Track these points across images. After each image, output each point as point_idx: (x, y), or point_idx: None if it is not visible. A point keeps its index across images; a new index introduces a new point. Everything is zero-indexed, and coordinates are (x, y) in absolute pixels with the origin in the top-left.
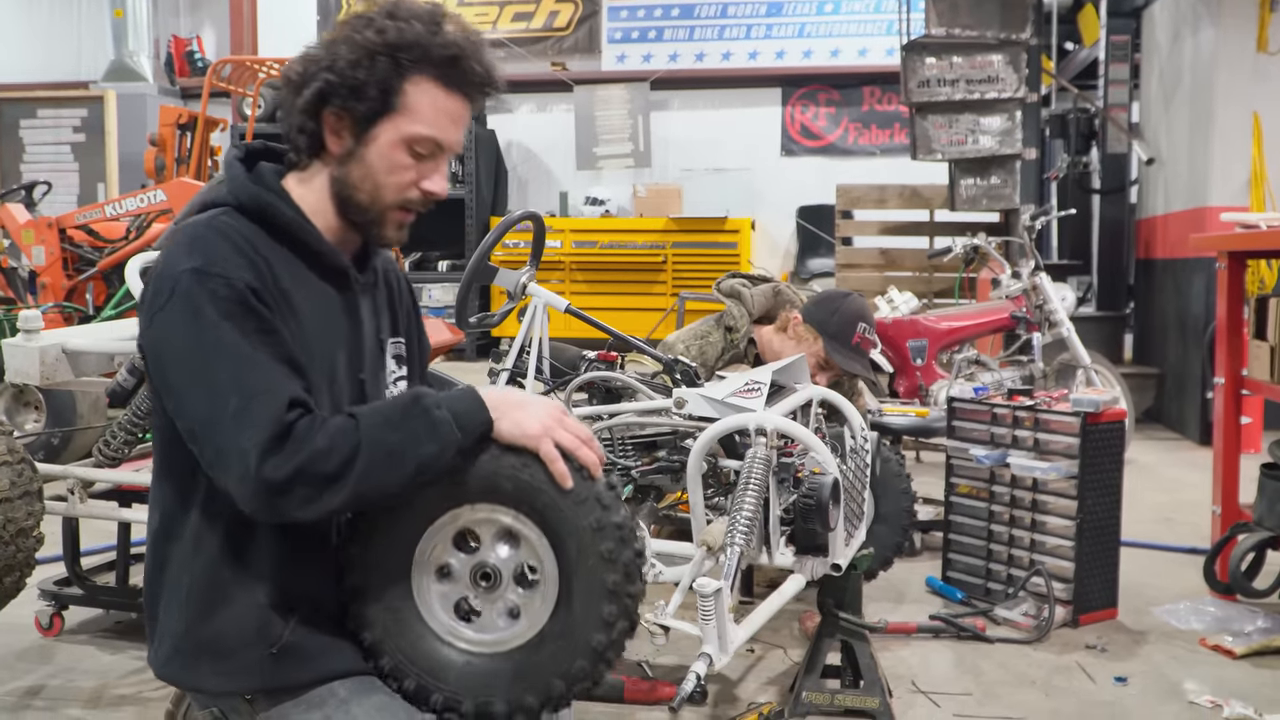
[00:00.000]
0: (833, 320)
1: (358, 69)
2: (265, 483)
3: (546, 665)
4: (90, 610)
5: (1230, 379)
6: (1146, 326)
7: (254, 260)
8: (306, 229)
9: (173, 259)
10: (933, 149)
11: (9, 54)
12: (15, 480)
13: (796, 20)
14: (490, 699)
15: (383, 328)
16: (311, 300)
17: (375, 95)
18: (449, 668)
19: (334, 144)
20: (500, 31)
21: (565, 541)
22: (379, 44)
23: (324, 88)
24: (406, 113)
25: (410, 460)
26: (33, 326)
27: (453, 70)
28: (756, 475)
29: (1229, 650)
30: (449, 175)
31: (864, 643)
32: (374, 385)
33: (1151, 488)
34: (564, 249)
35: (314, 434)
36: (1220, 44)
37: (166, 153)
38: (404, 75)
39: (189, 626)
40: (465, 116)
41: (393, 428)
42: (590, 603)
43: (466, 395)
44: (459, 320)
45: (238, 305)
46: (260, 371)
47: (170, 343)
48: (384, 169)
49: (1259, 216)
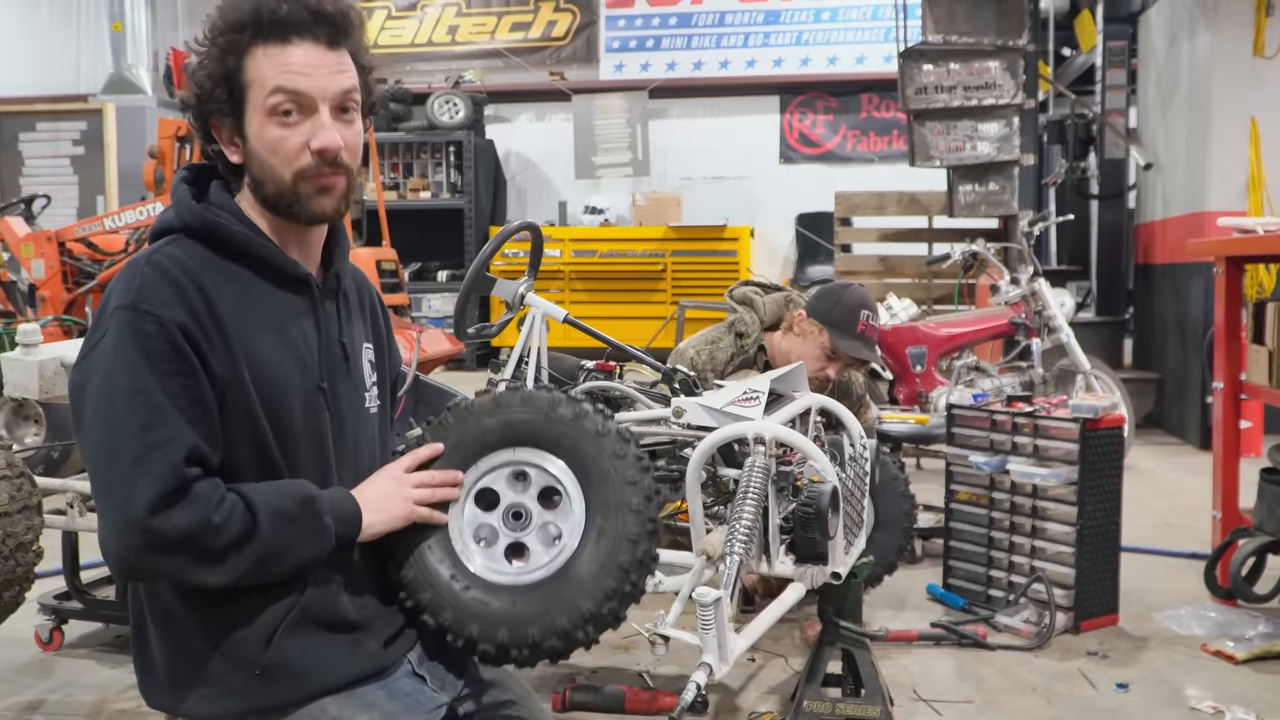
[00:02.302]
0: (836, 310)
1: (204, 78)
2: (150, 534)
3: (578, 586)
4: (90, 624)
5: (1229, 384)
6: (1145, 331)
7: (188, 296)
8: (255, 241)
9: (110, 295)
10: (931, 155)
11: (8, 67)
12: (14, 494)
13: (794, 28)
14: (549, 615)
15: (348, 333)
16: (266, 313)
17: (223, 90)
18: (483, 602)
19: (233, 154)
20: (498, 41)
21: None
22: (208, 44)
23: (192, 110)
24: (253, 87)
25: (291, 560)
26: (32, 340)
27: (279, 23)
28: (755, 484)
29: (1230, 655)
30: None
31: (865, 651)
32: (336, 392)
33: (1151, 493)
34: (563, 258)
35: (212, 504)
36: (1217, 49)
37: (166, 165)
38: (241, 57)
39: (173, 653)
40: (322, 58)
41: (287, 523)
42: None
43: (346, 499)
44: (458, 331)
45: (163, 344)
46: (167, 423)
47: (93, 378)
48: (267, 149)
49: (1256, 221)
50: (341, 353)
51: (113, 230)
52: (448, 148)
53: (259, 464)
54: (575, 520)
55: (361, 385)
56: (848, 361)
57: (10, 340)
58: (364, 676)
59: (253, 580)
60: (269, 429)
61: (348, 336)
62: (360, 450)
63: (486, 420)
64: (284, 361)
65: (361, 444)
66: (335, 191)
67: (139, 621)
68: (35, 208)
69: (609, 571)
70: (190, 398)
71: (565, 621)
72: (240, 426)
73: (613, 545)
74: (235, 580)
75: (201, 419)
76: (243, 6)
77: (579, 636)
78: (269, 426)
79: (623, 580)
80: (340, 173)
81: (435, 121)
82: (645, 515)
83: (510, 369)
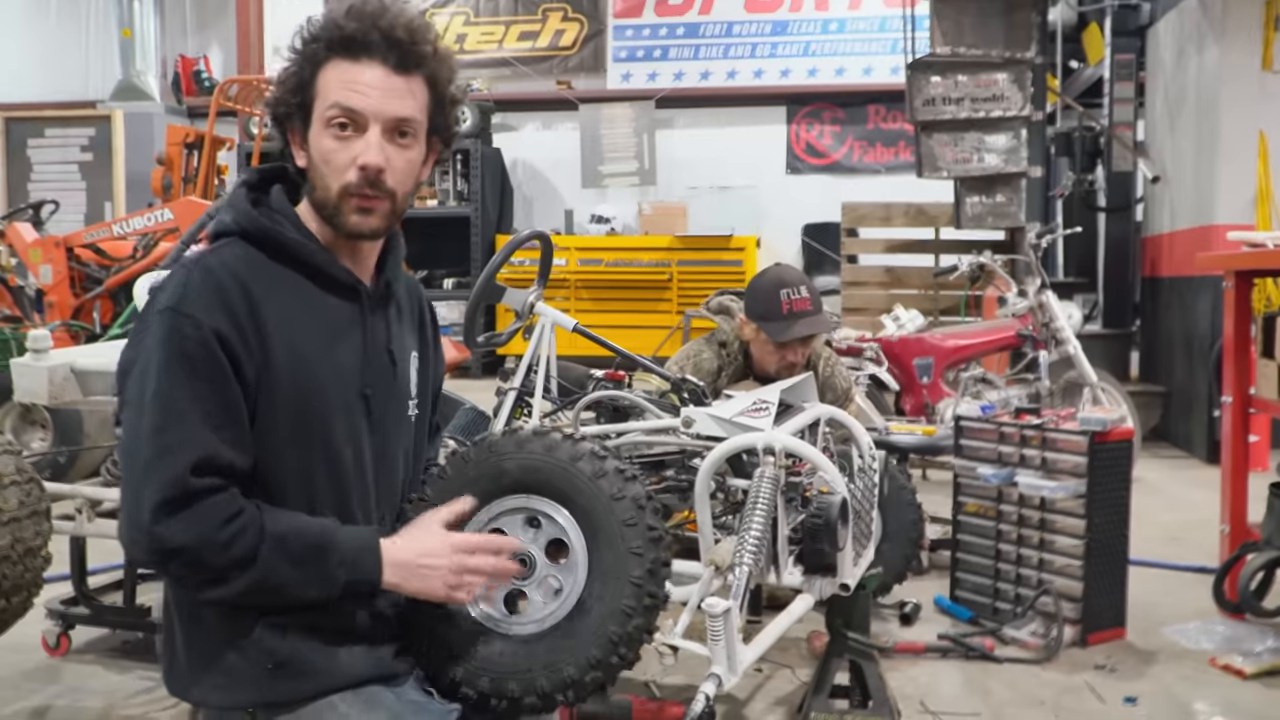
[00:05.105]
0: (758, 304)
1: (284, 83)
2: (155, 539)
3: (585, 631)
4: (97, 630)
5: (1238, 397)
6: (1152, 344)
7: (231, 300)
8: (307, 246)
9: (157, 294)
10: (938, 167)
11: (17, 73)
12: (24, 500)
13: (801, 39)
14: (531, 673)
15: (395, 340)
16: (314, 319)
17: (297, 100)
18: (494, 651)
19: (299, 158)
20: (506, 50)
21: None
22: (295, 51)
23: (271, 111)
24: (320, 97)
25: (287, 596)
26: (42, 346)
27: (349, 40)
28: (765, 495)
29: (1239, 670)
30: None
31: (872, 663)
32: (380, 399)
33: (1159, 506)
34: (569, 267)
35: (219, 520)
36: (1225, 62)
37: (173, 172)
38: (316, 68)
39: (192, 642)
40: (384, 80)
41: (292, 563)
42: (618, 568)
43: (370, 554)
44: (467, 339)
45: (198, 348)
46: (182, 429)
47: (131, 374)
48: (320, 159)
49: (1266, 235)
50: (389, 360)
51: (120, 236)
52: (455, 156)
53: (295, 467)
54: (577, 579)
55: (406, 394)
56: (799, 349)
57: (19, 345)
58: (372, 679)
59: (254, 602)
60: (307, 433)
61: (396, 345)
62: (396, 457)
63: (506, 463)
64: (327, 366)
65: (399, 451)
66: (376, 213)
67: (167, 613)
68: (43, 213)
69: (598, 641)
70: (218, 403)
71: (546, 683)
72: (277, 430)
73: (607, 614)
74: (235, 599)
75: (227, 424)
76: (327, 20)
77: (558, 699)
78: (307, 431)
79: (610, 652)
80: (383, 197)
81: None
82: (644, 590)
83: (520, 378)
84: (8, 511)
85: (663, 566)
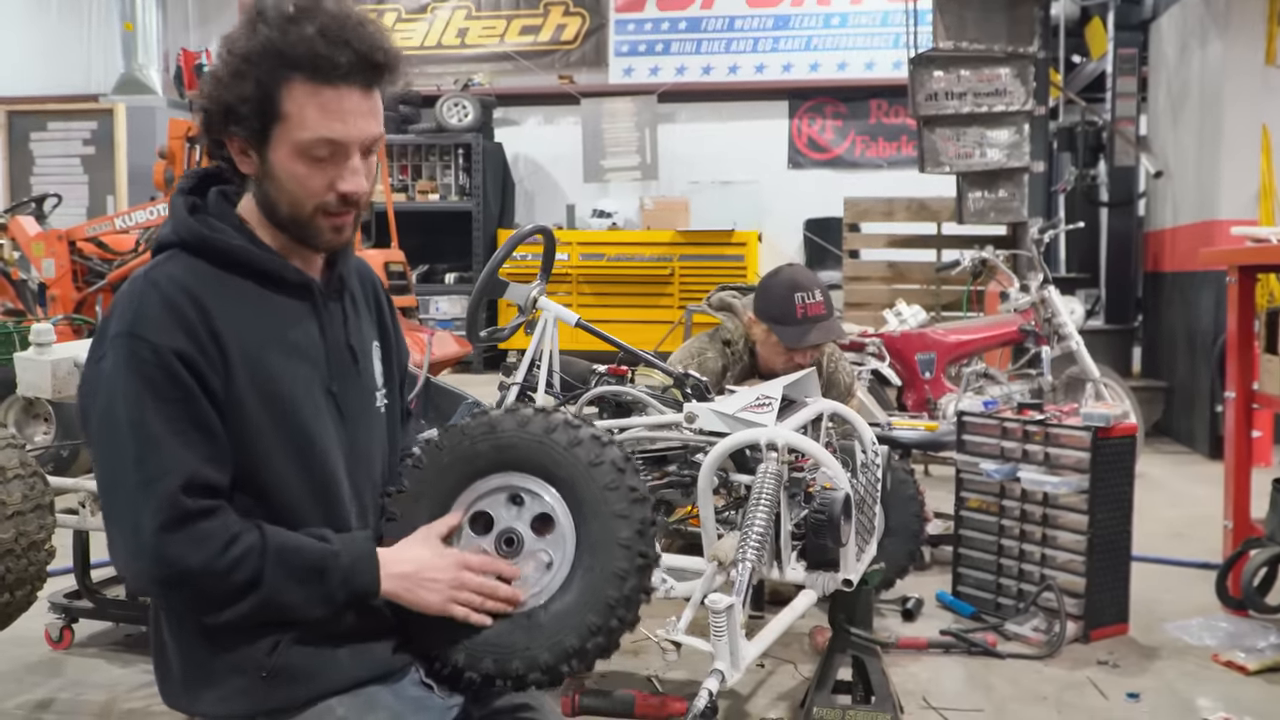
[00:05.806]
0: (771, 305)
1: (230, 90)
2: (163, 561)
3: (581, 600)
4: (100, 623)
5: (1241, 393)
6: (1154, 340)
7: (186, 318)
8: (253, 252)
9: (110, 317)
10: (940, 162)
11: (19, 67)
12: (27, 493)
13: (803, 33)
14: (532, 650)
15: (354, 332)
16: (270, 323)
17: (253, 114)
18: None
19: (244, 165)
20: (508, 45)
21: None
22: (242, 57)
23: (207, 117)
24: (289, 121)
25: (290, 614)
26: (45, 340)
27: (318, 64)
28: (768, 490)
29: (1242, 666)
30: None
31: (875, 658)
32: (346, 395)
33: (1161, 502)
34: (571, 261)
35: (218, 547)
36: (1228, 57)
37: (175, 165)
38: (276, 83)
39: (185, 654)
40: (360, 104)
41: (295, 582)
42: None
43: (369, 568)
44: (469, 334)
45: (160, 371)
46: (163, 454)
47: (95, 404)
48: (290, 181)
49: (1270, 230)
50: (350, 355)
51: (123, 230)
52: (456, 150)
53: (272, 473)
54: (567, 550)
55: (372, 386)
56: (811, 353)
57: (22, 339)
58: (370, 679)
59: (248, 622)
60: (279, 437)
61: (356, 339)
62: (372, 451)
63: (480, 445)
64: (290, 370)
65: (374, 445)
66: (348, 226)
67: (156, 625)
68: (46, 207)
69: (596, 607)
70: (190, 421)
71: (549, 657)
72: (250, 438)
73: (601, 580)
74: (239, 621)
75: (203, 441)
76: (292, 41)
77: (563, 670)
78: (279, 435)
79: (608, 616)
80: (355, 210)
81: (444, 124)
82: (634, 550)
83: (522, 373)
84: (11, 505)
85: (650, 525)
